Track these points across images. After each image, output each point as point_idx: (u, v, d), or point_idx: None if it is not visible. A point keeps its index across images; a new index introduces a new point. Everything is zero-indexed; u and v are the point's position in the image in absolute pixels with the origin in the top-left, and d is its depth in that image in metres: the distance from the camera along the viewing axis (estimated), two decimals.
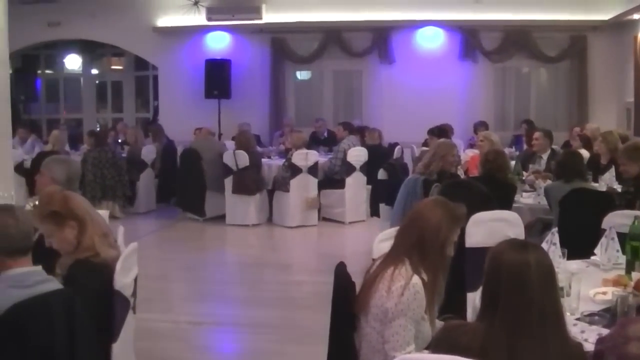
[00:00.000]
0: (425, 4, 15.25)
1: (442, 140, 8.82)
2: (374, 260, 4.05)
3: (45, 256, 3.86)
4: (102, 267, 4.05)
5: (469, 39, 15.52)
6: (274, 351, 6.56)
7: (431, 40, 15.75)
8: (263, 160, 12.78)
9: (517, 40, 15.35)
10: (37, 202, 4.58)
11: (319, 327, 6.63)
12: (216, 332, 7.31)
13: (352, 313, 3.82)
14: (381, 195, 9.72)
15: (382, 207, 9.58)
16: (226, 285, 9.08)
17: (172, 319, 7.40)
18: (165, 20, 16.65)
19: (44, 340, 3.34)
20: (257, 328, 7.19)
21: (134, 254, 4.39)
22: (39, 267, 3.57)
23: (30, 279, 3.45)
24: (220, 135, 15.61)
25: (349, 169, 12.36)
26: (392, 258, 3.76)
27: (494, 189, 6.75)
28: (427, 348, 3.58)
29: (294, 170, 11.96)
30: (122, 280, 4.07)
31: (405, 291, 3.58)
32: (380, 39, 15.78)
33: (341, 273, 3.89)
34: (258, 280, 9.23)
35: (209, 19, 16.12)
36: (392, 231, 4.23)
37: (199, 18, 16.06)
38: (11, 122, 8.14)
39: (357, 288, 3.90)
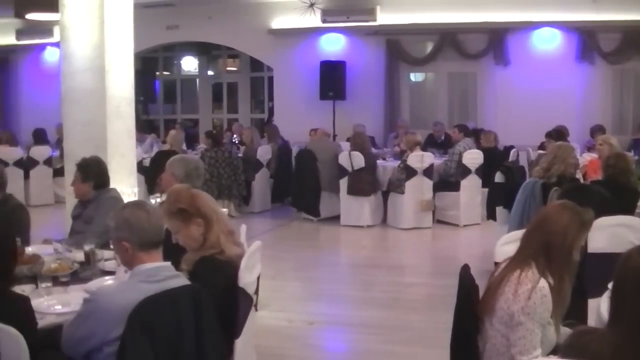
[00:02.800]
0: (541, 5, 14.92)
1: (561, 142, 8.65)
2: (496, 263, 4.02)
3: (171, 252, 3.95)
4: (226, 264, 4.14)
5: (587, 40, 15.08)
6: (386, 352, 6.57)
7: (547, 42, 15.39)
8: (378, 161, 12.80)
9: (636, 41, 14.81)
10: (164, 199, 4.71)
11: (431, 329, 6.66)
12: (329, 332, 7.35)
13: (476, 315, 3.80)
14: (498, 198, 9.55)
15: (499, 210, 9.44)
16: (339, 285, 9.12)
17: (287, 318, 7.50)
18: (280, 22, 16.82)
19: (172, 334, 3.44)
20: (369, 328, 7.20)
21: (257, 251, 4.46)
22: (169, 263, 3.68)
23: (160, 274, 3.56)
24: (335, 136, 15.68)
25: (465, 171, 12.26)
26: (518, 261, 3.71)
27: (616, 194, 6.60)
28: (555, 353, 3.53)
29: (410, 172, 11.91)
30: (247, 278, 4.15)
31: (532, 294, 3.53)
32: (496, 41, 15.53)
33: (466, 275, 3.86)
34: (371, 281, 9.23)
35: (323, 21, 16.19)
36: (516, 234, 4.20)
37: (314, 20, 16.20)
38: None
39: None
